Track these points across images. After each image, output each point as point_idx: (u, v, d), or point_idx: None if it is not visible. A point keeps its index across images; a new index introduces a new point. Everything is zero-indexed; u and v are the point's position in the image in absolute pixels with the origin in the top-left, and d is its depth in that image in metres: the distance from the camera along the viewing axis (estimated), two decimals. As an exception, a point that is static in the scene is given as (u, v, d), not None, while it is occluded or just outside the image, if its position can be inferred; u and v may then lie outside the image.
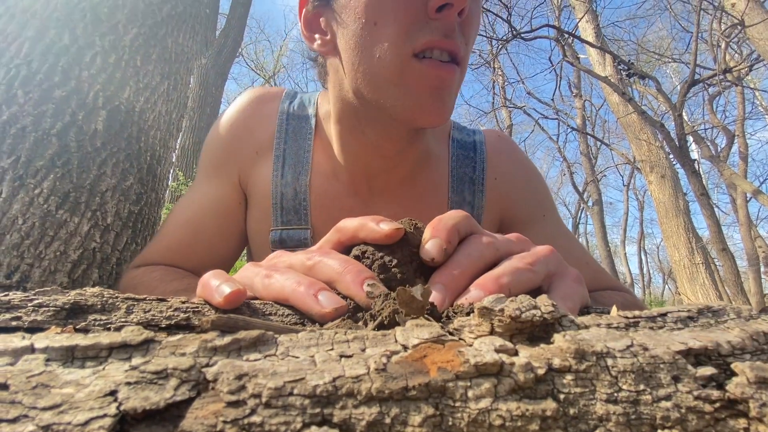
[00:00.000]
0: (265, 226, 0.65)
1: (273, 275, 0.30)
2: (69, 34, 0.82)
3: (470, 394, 0.16)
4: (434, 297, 0.27)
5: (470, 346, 0.19)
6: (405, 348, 0.19)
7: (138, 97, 0.90)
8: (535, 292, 0.31)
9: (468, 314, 0.24)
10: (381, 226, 0.30)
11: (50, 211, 0.71)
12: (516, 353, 0.18)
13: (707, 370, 0.19)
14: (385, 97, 0.51)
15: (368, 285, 0.27)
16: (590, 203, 11.26)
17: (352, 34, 0.50)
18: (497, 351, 0.18)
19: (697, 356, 0.20)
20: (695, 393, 0.17)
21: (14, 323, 0.24)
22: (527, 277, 0.30)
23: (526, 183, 0.72)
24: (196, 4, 1.17)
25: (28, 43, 0.77)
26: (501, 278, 0.28)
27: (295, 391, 0.15)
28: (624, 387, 0.17)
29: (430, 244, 0.29)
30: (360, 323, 0.25)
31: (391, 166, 0.63)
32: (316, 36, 0.57)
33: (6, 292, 0.27)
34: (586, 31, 6.22)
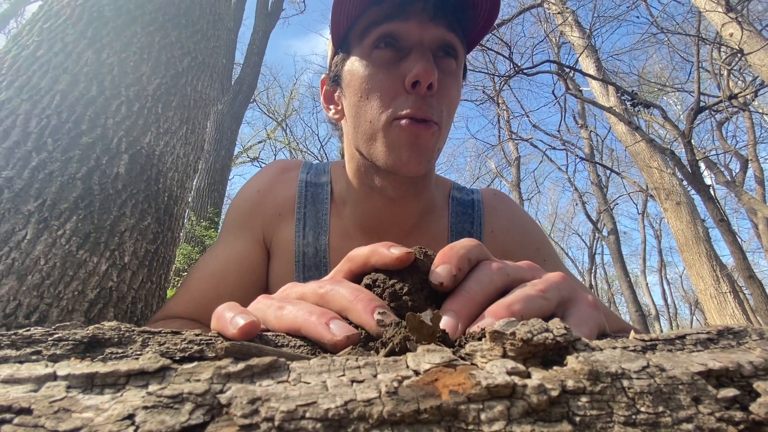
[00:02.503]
0: (287, 281, 0.70)
1: (285, 307, 0.30)
2: (97, 86, 0.88)
3: (483, 416, 0.16)
4: (447, 324, 0.27)
5: (482, 369, 0.19)
6: (416, 373, 0.19)
7: (158, 141, 0.95)
8: (548, 320, 0.30)
9: (479, 339, 0.24)
10: (391, 251, 0.30)
11: (71, 252, 0.73)
12: (528, 375, 0.18)
13: (730, 391, 0.18)
14: (375, 152, 0.61)
15: (379, 313, 0.27)
16: (605, 232, 11.06)
17: (352, 104, 0.63)
18: (509, 373, 0.18)
19: (719, 378, 0.20)
20: (717, 414, 0.17)
21: (34, 357, 0.24)
22: (539, 304, 0.29)
23: (522, 233, 0.78)
24: (214, 55, 1.25)
25: (59, 96, 0.83)
26: (513, 305, 0.28)
27: (308, 415, 0.15)
28: (642, 409, 0.17)
29: (440, 269, 0.30)
30: (371, 351, 0.25)
31: (399, 213, 0.70)
32: (331, 107, 0.71)
33: (28, 327, 0.28)
34: (587, 64, 6.40)
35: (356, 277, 0.33)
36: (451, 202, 0.77)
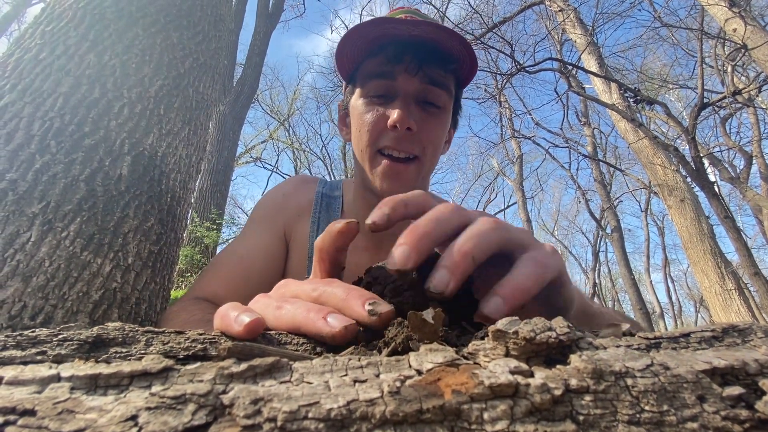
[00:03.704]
0: (302, 273, 0.81)
1: (283, 306, 0.30)
2: (99, 88, 0.89)
3: (486, 416, 0.16)
4: (399, 255, 0.28)
5: (485, 368, 0.19)
6: (419, 372, 0.19)
7: (161, 143, 0.95)
8: (503, 259, 0.30)
9: (482, 338, 0.24)
10: (336, 227, 0.32)
11: (75, 253, 0.74)
12: (531, 374, 0.18)
13: (735, 390, 0.18)
14: (367, 178, 0.74)
15: (369, 304, 0.27)
16: (609, 230, 11.01)
17: (353, 133, 0.76)
18: (512, 372, 0.18)
19: (724, 376, 0.20)
20: (723, 413, 0.17)
21: (39, 357, 0.24)
22: (489, 238, 0.30)
23: None
24: (215, 56, 1.26)
25: (62, 98, 0.84)
26: (463, 246, 0.29)
27: (310, 415, 0.15)
28: (646, 408, 0.17)
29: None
30: (374, 351, 0.25)
31: None
32: (344, 128, 0.84)
33: (33, 329, 0.28)
34: (589, 62, 6.37)
35: (334, 268, 0.34)
36: None
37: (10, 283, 0.66)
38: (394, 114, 0.68)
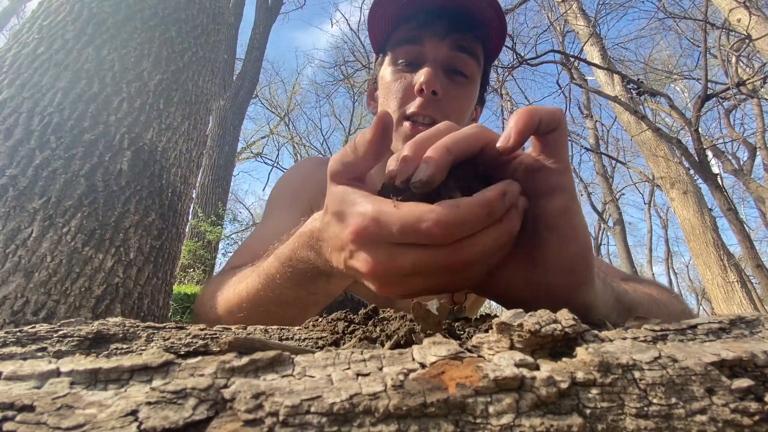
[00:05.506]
0: None
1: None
2: (98, 83, 0.88)
3: (491, 409, 0.16)
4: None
5: (489, 361, 0.19)
6: (422, 366, 0.19)
7: (161, 138, 0.95)
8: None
9: (486, 331, 0.24)
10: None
11: (77, 249, 0.74)
12: (537, 367, 0.18)
13: (744, 382, 0.18)
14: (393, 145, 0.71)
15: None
16: (610, 223, 10.99)
17: (381, 103, 0.78)
18: (517, 365, 0.18)
19: (732, 368, 0.19)
20: (732, 406, 0.16)
21: (40, 354, 0.24)
22: (465, 134, 0.31)
23: None
24: (214, 50, 1.25)
25: (61, 93, 0.83)
26: (440, 142, 0.29)
27: (312, 409, 0.15)
28: (654, 401, 0.17)
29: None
30: (377, 344, 0.25)
31: None
32: (372, 102, 0.88)
33: (33, 325, 0.28)
34: (592, 53, 6.31)
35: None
36: None
37: (12, 279, 0.66)
38: (420, 77, 0.69)
